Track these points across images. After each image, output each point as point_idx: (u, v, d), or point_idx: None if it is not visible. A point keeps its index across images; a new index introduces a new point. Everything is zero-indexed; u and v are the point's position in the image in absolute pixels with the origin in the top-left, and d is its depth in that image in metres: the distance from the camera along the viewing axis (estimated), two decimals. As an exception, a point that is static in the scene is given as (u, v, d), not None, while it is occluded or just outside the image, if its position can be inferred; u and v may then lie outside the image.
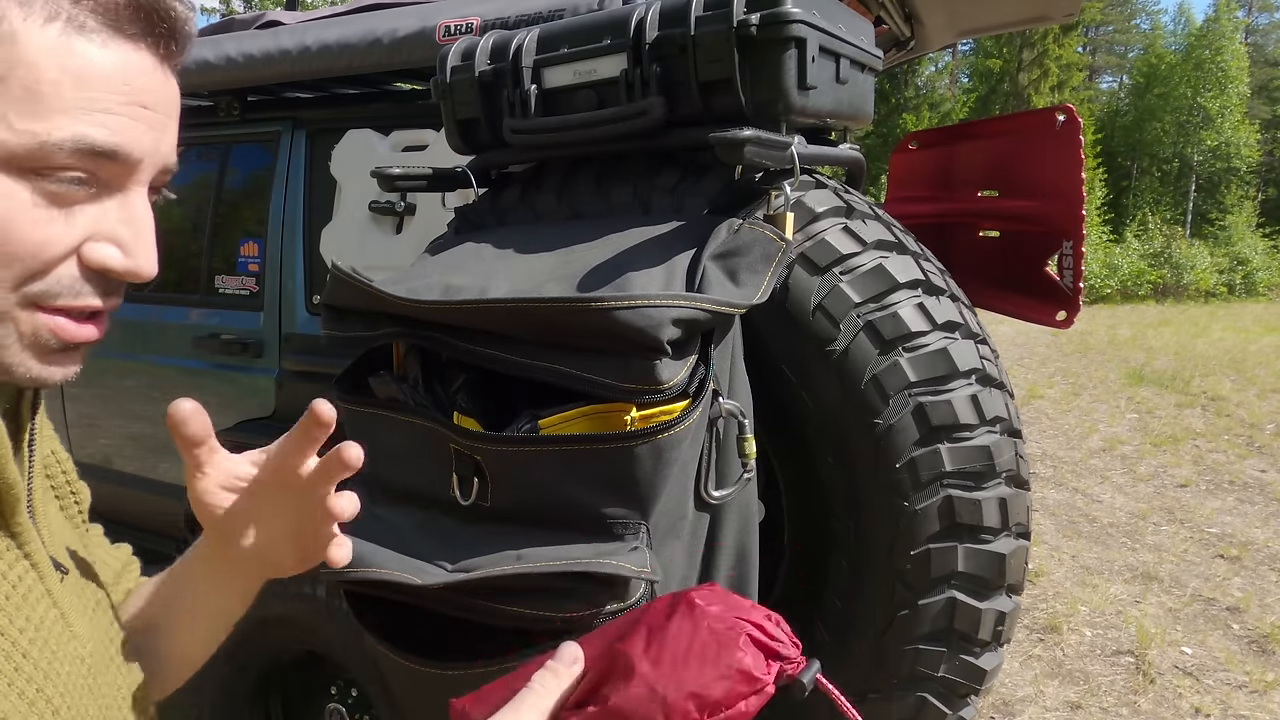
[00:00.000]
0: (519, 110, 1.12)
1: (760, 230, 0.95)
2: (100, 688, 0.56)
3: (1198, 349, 10.65)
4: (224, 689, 2.07)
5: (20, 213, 0.46)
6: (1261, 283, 24.44)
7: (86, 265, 0.49)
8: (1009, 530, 1.07)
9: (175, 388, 2.29)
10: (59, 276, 0.49)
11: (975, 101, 30.26)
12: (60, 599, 0.55)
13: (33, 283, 0.48)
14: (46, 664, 0.51)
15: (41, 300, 0.49)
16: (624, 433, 0.82)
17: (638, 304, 0.80)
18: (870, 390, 1.04)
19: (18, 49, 0.45)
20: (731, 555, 0.99)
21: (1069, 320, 1.80)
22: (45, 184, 0.47)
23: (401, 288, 0.95)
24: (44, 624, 0.52)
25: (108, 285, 0.51)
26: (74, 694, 0.53)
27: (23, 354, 0.49)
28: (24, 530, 0.53)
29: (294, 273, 2.06)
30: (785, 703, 0.57)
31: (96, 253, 0.50)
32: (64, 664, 0.52)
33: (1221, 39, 29.64)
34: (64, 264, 0.49)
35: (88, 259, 0.49)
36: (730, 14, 0.96)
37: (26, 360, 0.49)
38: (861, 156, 1.23)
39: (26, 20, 0.46)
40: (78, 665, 0.54)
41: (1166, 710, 2.78)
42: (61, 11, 0.47)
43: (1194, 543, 4.20)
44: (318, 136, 2.07)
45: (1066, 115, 1.73)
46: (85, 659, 0.56)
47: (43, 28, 0.46)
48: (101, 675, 0.57)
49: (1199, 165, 29.97)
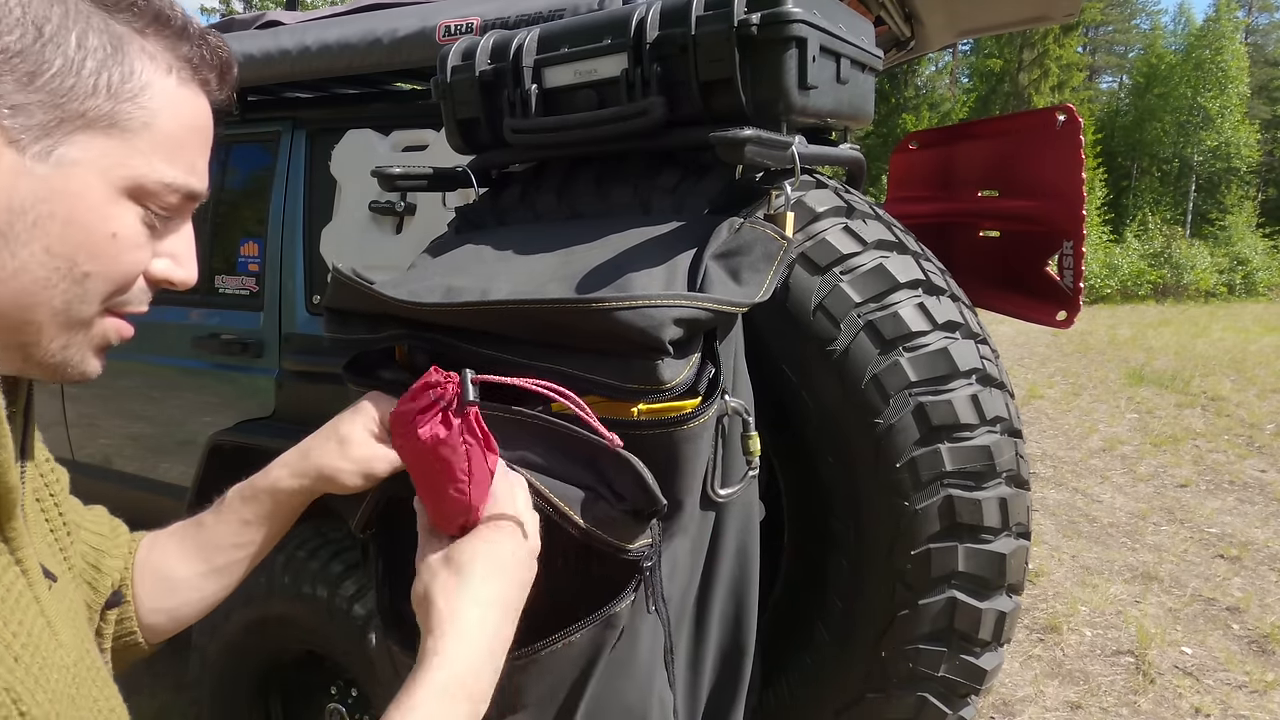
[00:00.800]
0: (519, 110, 1.12)
1: (761, 229, 0.95)
2: (81, 699, 0.56)
3: (1198, 349, 10.65)
4: (224, 688, 2.07)
5: (128, 238, 0.54)
6: (1261, 283, 24.44)
7: (150, 278, 0.58)
8: (1009, 530, 1.07)
9: (175, 388, 2.29)
10: (135, 288, 0.57)
11: (975, 101, 30.27)
12: (48, 607, 0.56)
13: (119, 295, 0.56)
14: (38, 670, 0.51)
15: (116, 307, 0.56)
16: (636, 420, 0.82)
17: (639, 304, 0.80)
18: (870, 390, 1.04)
19: (155, 98, 0.53)
20: (733, 554, 0.99)
21: (1069, 320, 1.80)
22: (145, 213, 0.55)
23: (403, 290, 0.95)
24: (34, 631, 0.53)
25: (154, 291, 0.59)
26: (59, 703, 0.53)
27: (86, 352, 0.56)
28: (18, 536, 0.54)
29: (294, 273, 2.06)
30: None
31: (160, 268, 0.58)
32: (51, 672, 0.53)
33: (1221, 39, 29.65)
34: (140, 278, 0.57)
35: (153, 273, 0.58)
36: (731, 14, 0.96)
37: (88, 358, 0.56)
38: (862, 156, 1.23)
39: (155, 72, 0.54)
40: (63, 674, 0.55)
41: (1166, 710, 2.78)
42: (174, 66, 0.55)
43: (1194, 543, 4.20)
44: (318, 136, 2.06)
45: (1067, 115, 1.73)
46: (69, 668, 0.56)
47: (164, 79, 0.54)
48: (83, 686, 0.58)
49: (1199, 165, 29.98)
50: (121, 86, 0.52)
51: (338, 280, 1.00)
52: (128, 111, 0.52)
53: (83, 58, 0.50)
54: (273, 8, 10.24)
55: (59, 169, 0.50)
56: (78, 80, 0.50)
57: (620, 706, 0.85)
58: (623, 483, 0.80)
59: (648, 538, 0.82)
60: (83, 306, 0.53)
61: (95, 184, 0.51)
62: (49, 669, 0.53)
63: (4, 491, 0.52)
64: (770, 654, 1.20)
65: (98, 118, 0.51)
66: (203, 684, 2.09)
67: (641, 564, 0.82)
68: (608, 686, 0.83)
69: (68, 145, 0.50)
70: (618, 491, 0.80)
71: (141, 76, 0.53)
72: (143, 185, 0.53)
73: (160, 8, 0.54)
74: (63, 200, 0.50)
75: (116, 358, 2.34)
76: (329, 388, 1.92)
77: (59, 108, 0.50)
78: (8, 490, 0.52)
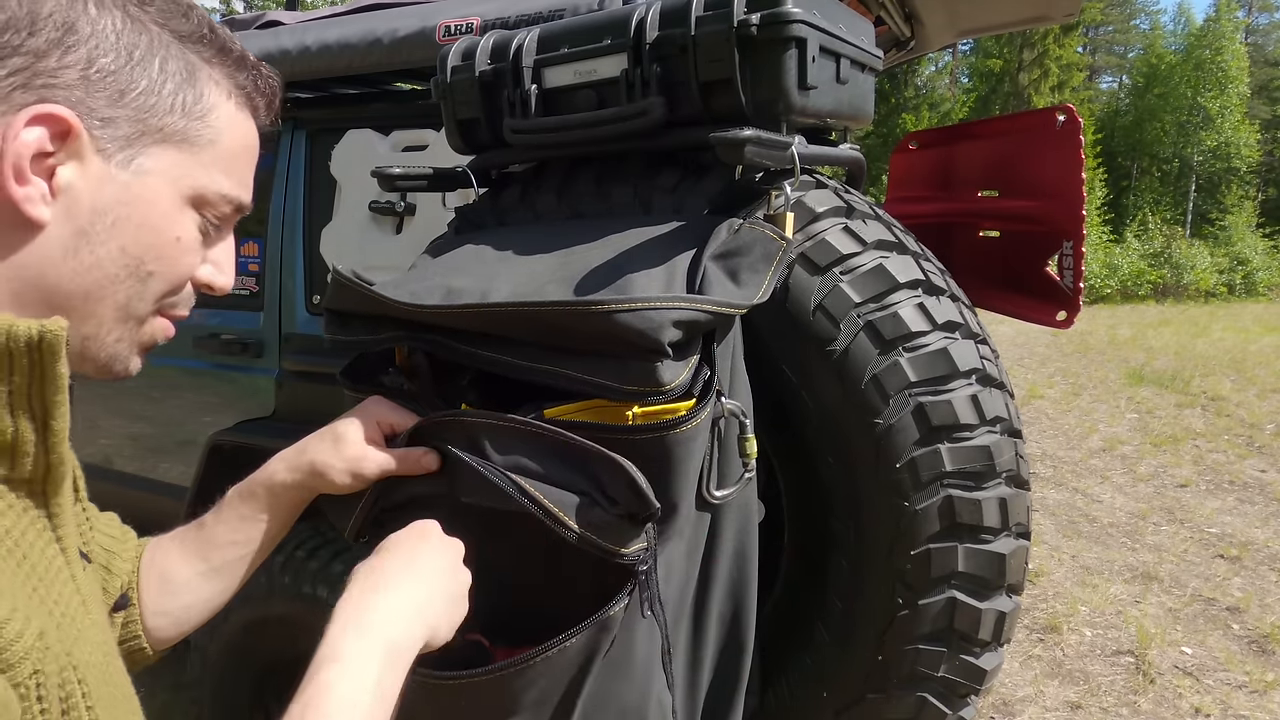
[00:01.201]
0: (519, 110, 1.12)
1: (761, 230, 0.95)
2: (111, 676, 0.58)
3: (1198, 349, 10.65)
4: (224, 688, 2.07)
5: (188, 242, 0.61)
6: (1261, 283, 24.43)
7: (195, 281, 0.64)
8: (1009, 530, 1.07)
9: (175, 388, 2.29)
10: (185, 291, 0.63)
11: (975, 101, 30.25)
12: (82, 585, 0.58)
13: (171, 295, 0.62)
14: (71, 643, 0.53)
15: (167, 308, 0.62)
16: (630, 425, 0.82)
17: (638, 306, 0.80)
18: (870, 390, 1.04)
19: (219, 119, 0.61)
20: (731, 555, 0.99)
21: (1069, 320, 1.80)
22: (203, 221, 0.62)
23: (403, 291, 0.95)
24: (70, 607, 0.55)
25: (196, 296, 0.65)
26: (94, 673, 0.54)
27: (134, 350, 0.61)
28: (61, 513, 0.57)
29: (294, 273, 2.06)
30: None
31: (206, 274, 0.64)
32: (84, 647, 0.55)
33: (1221, 39, 29.63)
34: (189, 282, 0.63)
35: (198, 278, 0.64)
36: (730, 14, 0.96)
37: (134, 356, 0.62)
38: (861, 156, 1.22)
39: (219, 96, 0.61)
40: (96, 650, 0.56)
41: (1166, 710, 2.78)
42: (233, 92, 0.62)
43: (1194, 543, 4.20)
44: (318, 136, 2.06)
45: (1067, 115, 1.73)
46: (101, 645, 0.58)
47: (226, 102, 0.62)
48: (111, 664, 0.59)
49: (1199, 165, 29.96)
50: (194, 107, 0.59)
51: (337, 281, 1.00)
52: (197, 129, 0.60)
53: (163, 80, 0.58)
54: (273, 8, 10.24)
55: (137, 177, 0.57)
56: (159, 99, 0.58)
57: (618, 707, 0.85)
58: (616, 487, 0.80)
59: (643, 541, 0.82)
60: (140, 304, 0.59)
61: (166, 192, 0.59)
62: (80, 645, 0.54)
63: (55, 463, 0.54)
64: (770, 654, 1.20)
65: (173, 133, 0.58)
66: (203, 684, 2.09)
67: (637, 568, 0.82)
68: (605, 688, 0.83)
69: (145, 156, 0.57)
70: (611, 496, 0.80)
71: (209, 99, 0.60)
72: (204, 195, 0.61)
73: (224, 41, 0.62)
74: (139, 205, 0.57)
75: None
76: (329, 388, 1.91)
77: (142, 122, 0.57)
78: (59, 462, 0.54)
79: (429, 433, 0.88)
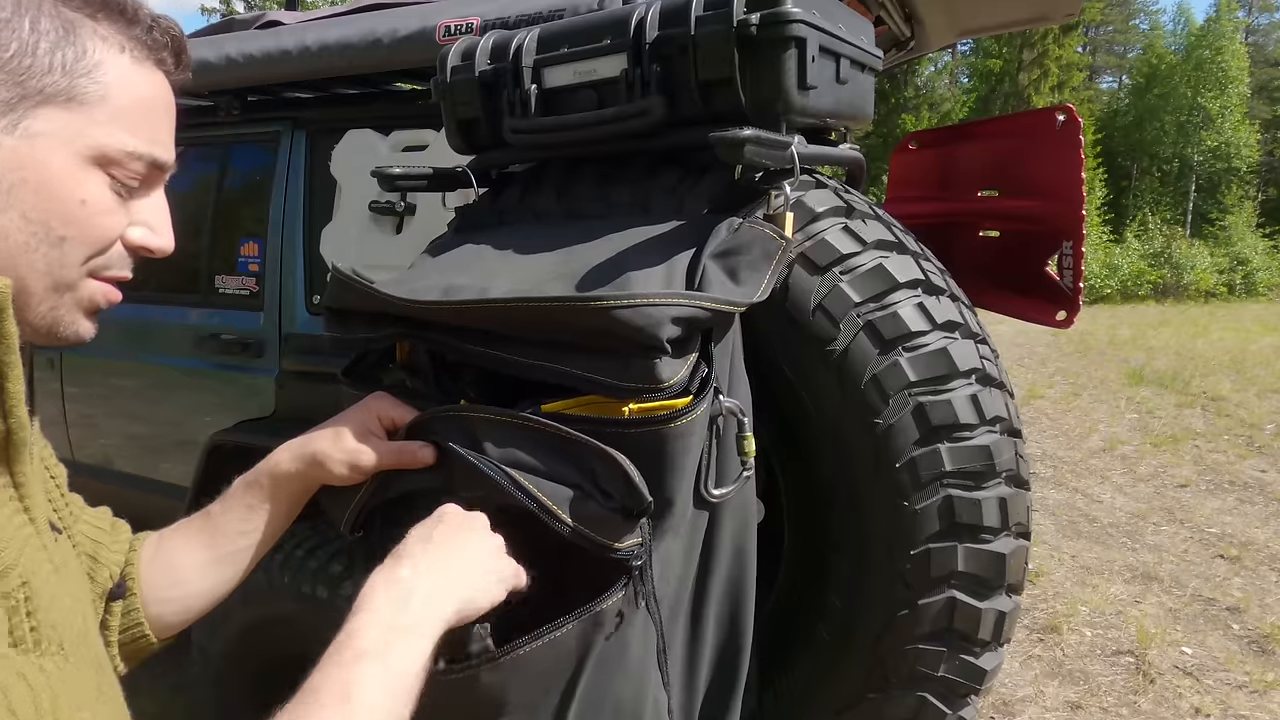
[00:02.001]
0: (519, 110, 1.12)
1: (760, 229, 0.95)
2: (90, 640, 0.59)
3: (1198, 349, 10.65)
4: (224, 689, 2.07)
5: (97, 203, 0.59)
6: (1261, 283, 24.41)
7: (127, 244, 0.62)
8: (1009, 530, 1.07)
9: (175, 388, 2.29)
10: (113, 253, 0.61)
11: (975, 101, 30.25)
12: (54, 555, 0.58)
13: (97, 258, 0.60)
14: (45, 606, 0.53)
15: (98, 271, 0.61)
16: (625, 419, 0.82)
17: (637, 303, 0.80)
18: (870, 390, 1.04)
19: (108, 74, 0.59)
20: (729, 555, 0.99)
21: (1069, 320, 1.80)
22: (112, 181, 0.60)
23: (403, 289, 0.95)
24: (40, 573, 0.54)
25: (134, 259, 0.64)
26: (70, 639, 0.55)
27: (76, 315, 0.61)
28: (26, 481, 0.56)
29: (294, 273, 2.06)
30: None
31: (137, 235, 0.63)
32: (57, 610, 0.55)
33: (1222, 39, 29.63)
34: (116, 243, 0.61)
35: (129, 240, 0.62)
36: (730, 14, 0.96)
37: (80, 320, 0.61)
38: (861, 156, 1.22)
39: (107, 51, 0.59)
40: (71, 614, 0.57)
41: (1166, 710, 2.78)
42: (126, 45, 0.60)
43: (1194, 543, 4.20)
44: (318, 136, 2.07)
45: (1066, 115, 1.73)
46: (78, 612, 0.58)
47: (117, 57, 0.59)
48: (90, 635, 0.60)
49: (1199, 165, 29.95)
50: (75, 64, 0.57)
51: (337, 280, 1.00)
52: (83, 87, 0.57)
53: (36, 40, 0.56)
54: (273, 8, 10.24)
55: (26, 140, 0.55)
56: (34, 60, 0.55)
57: (613, 706, 0.85)
58: (610, 481, 0.80)
59: (637, 537, 0.82)
60: (64, 270, 0.58)
61: (60, 152, 0.57)
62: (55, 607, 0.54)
63: (15, 427, 0.54)
64: (770, 654, 1.20)
65: (56, 93, 0.56)
66: (203, 684, 2.09)
67: (630, 563, 0.82)
68: (600, 686, 0.83)
69: (31, 119, 0.55)
70: (605, 490, 0.80)
71: (94, 55, 0.58)
72: (105, 153, 0.58)
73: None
74: (32, 169, 0.55)
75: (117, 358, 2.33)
76: (329, 388, 1.91)
77: (20, 85, 0.55)
78: (19, 426, 0.54)
79: (426, 427, 0.89)
